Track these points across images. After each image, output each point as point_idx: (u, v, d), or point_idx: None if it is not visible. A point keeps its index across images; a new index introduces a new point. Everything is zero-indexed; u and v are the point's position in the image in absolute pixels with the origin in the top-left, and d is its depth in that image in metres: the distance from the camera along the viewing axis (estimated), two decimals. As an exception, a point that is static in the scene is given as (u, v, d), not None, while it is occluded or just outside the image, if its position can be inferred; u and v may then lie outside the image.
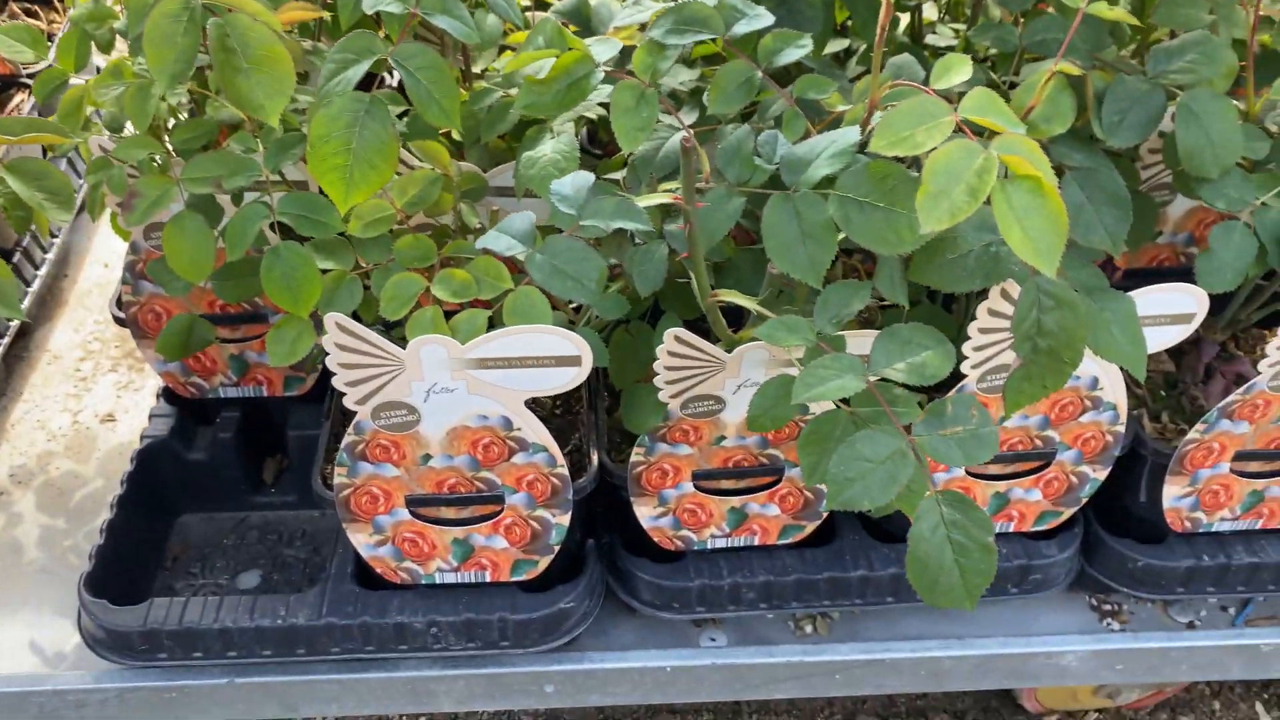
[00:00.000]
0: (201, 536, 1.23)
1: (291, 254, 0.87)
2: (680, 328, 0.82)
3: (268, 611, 1.02)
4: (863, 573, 1.07)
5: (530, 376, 0.84)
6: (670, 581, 1.05)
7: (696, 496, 1.00)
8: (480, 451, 0.91)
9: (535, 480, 0.93)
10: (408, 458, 0.91)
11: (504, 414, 0.88)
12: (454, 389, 0.86)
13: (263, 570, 1.20)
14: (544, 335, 0.81)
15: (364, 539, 0.97)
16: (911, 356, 0.72)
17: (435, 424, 0.88)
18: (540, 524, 0.97)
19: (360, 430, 0.89)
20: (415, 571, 1.00)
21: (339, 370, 0.83)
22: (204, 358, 1.16)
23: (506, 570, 1.01)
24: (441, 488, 0.94)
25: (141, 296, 1.11)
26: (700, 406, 0.91)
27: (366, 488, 0.93)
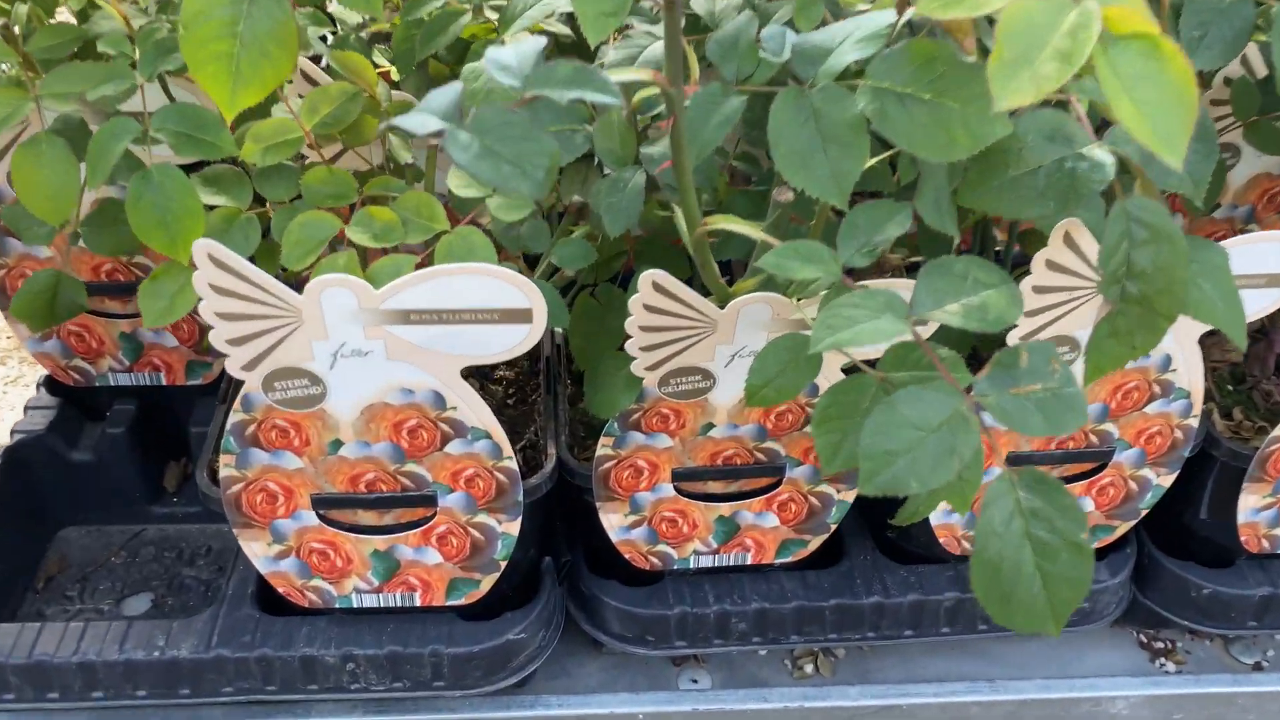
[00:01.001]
0: (84, 553, 1.03)
1: (166, 180, 0.69)
2: (661, 271, 0.63)
3: (143, 641, 0.82)
4: (877, 599, 0.88)
5: (467, 337, 0.66)
6: (644, 609, 0.86)
7: (677, 502, 0.81)
8: (405, 437, 0.72)
9: (476, 476, 0.74)
10: (312, 444, 0.72)
11: (434, 387, 0.69)
12: (368, 352, 0.67)
13: (155, 594, 1.00)
14: (484, 279, 0.63)
15: (261, 549, 0.78)
16: (968, 296, 0.54)
17: (346, 399, 0.70)
18: (482, 533, 0.78)
19: (249, 406, 0.69)
20: (327, 592, 0.81)
21: (216, 323, 0.64)
22: (90, 336, 0.97)
23: (441, 592, 0.81)
24: (356, 484, 0.75)
25: (9, 258, 0.92)
26: (684, 383, 0.72)
27: (261, 483, 0.74)
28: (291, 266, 0.70)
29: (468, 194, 0.71)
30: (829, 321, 0.52)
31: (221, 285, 0.62)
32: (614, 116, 0.68)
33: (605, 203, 0.66)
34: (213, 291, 0.62)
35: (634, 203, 0.66)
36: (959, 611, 0.90)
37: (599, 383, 0.73)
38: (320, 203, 0.73)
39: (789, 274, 0.54)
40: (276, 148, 0.72)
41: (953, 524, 0.87)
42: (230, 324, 0.64)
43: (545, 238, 0.71)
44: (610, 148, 0.68)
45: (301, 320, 0.64)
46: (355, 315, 0.64)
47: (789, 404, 0.75)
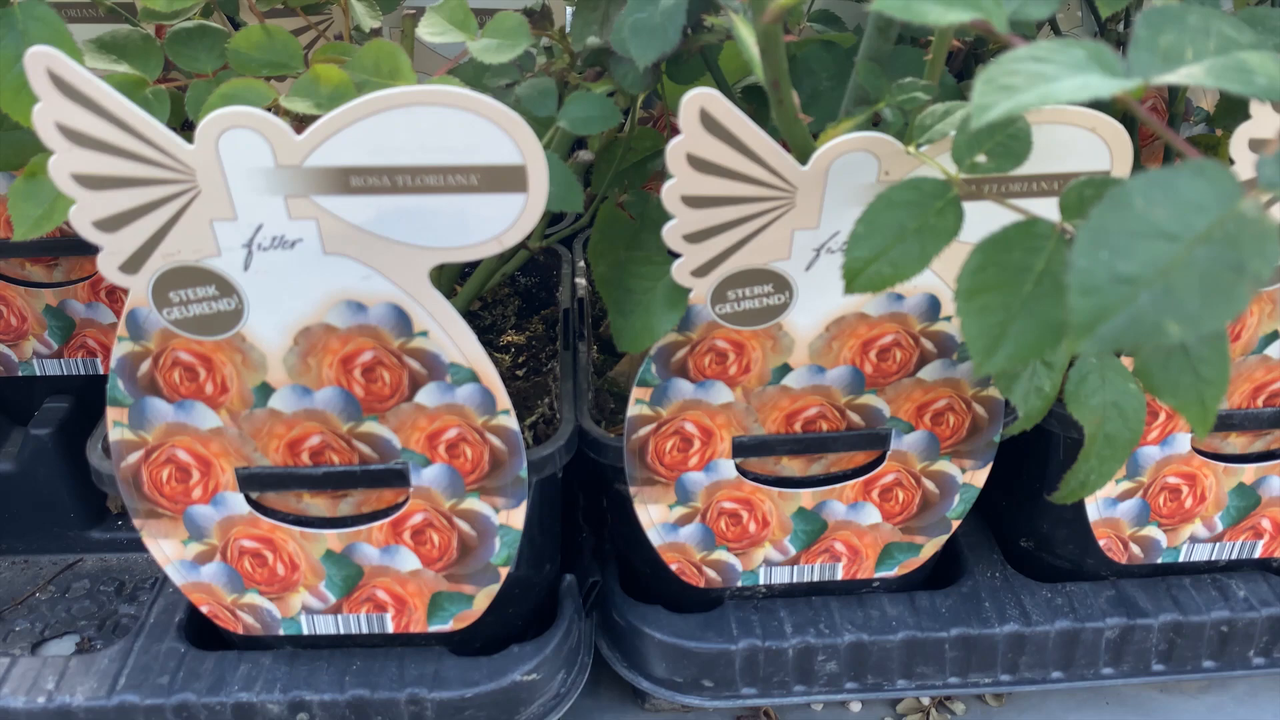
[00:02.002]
0: (5, 586, 0.83)
1: (39, 25, 0.50)
2: (712, 91, 0.43)
3: (27, 684, 0.61)
4: (1014, 628, 0.65)
5: (435, 214, 0.46)
6: (699, 642, 0.64)
7: (740, 486, 0.59)
8: (358, 380, 0.52)
9: (461, 440, 0.53)
10: (231, 390, 0.52)
11: (392, 298, 0.49)
12: (296, 240, 0.47)
13: (82, 636, 0.79)
14: (451, 114, 0.43)
15: (174, 549, 0.57)
16: (1221, 53, 0.33)
17: (270, 318, 0.49)
18: (473, 525, 0.56)
19: (138, 330, 0.49)
20: (266, 613, 0.60)
21: (74, 190, 0.44)
22: (9, 311, 0.78)
23: (420, 612, 0.60)
24: (297, 454, 0.54)
25: (-96, 207, 0.74)
26: (748, 296, 0.51)
27: (167, 450, 0.53)
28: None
29: (444, 40, 0.52)
30: (1002, 80, 0.31)
31: (75, 127, 0.43)
32: (643, -81, 0.48)
33: (633, 21, 0.46)
34: (63, 137, 0.43)
35: (672, 19, 0.46)
36: (1126, 645, 0.66)
37: (628, 302, 0.52)
38: (251, 72, 0.54)
39: (921, 17, 0.33)
40: (190, -8, 0.53)
41: (1118, 519, 0.64)
42: (97, 194, 0.45)
43: (551, 97, 0.51)
44: (638, -40, 0.49)
45: (197, 187, 0.45)
46: (272, 179, 0.44)
47: (899, 336, 0.54)
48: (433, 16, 0.53)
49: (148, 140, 0.43)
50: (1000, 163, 0.41)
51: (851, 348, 0.54)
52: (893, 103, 0.45)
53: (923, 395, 0.56)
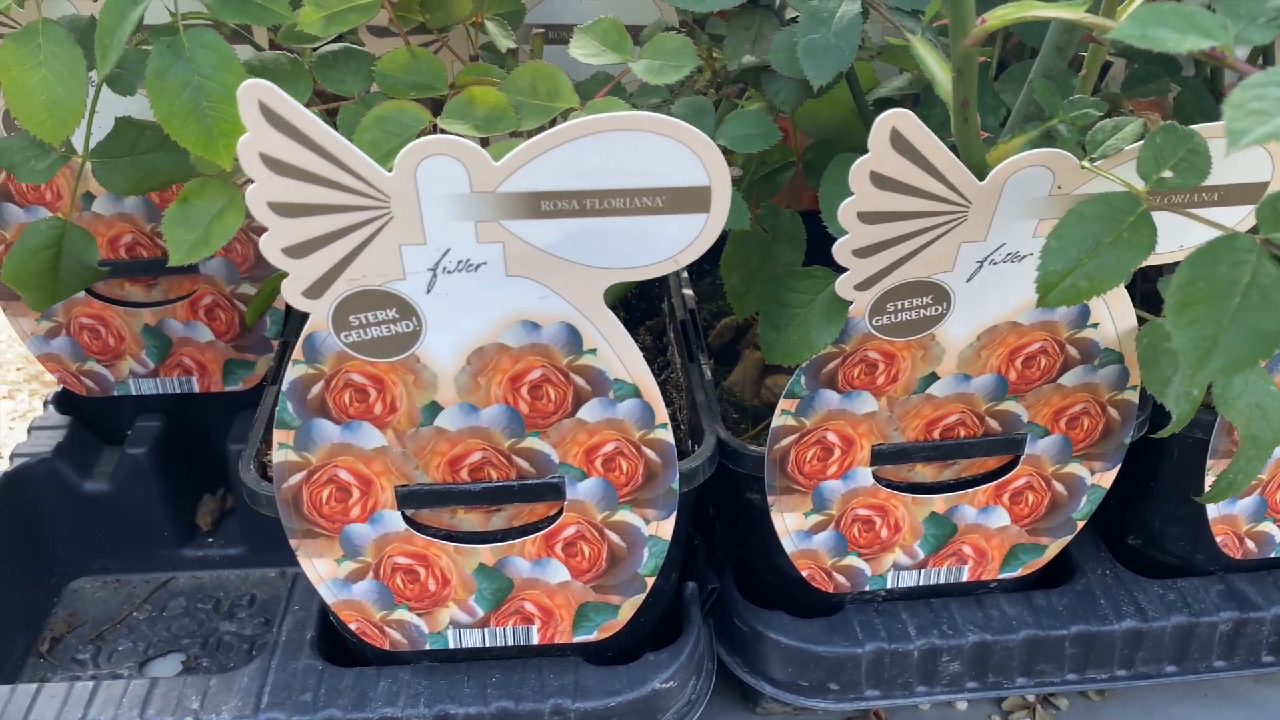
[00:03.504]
0: (100, 607, 0.83)
1: (202, 50, 0.51)
2: (905, 112, 0.44)
3: (172, 703, 0.62)
4: (1131, 624, 0.67)
5: (619, 235, 0.47)
6: (827, 647, 0.65)
7: (876, 494, 0.61)
8: (525, 398, 0.52)
9: (618, 454, 0.54)
10: (400, 410, 0.52)
11: (568, 318, 0.50)
12: (481, 264, 0.47)
13: (187, 654, 0.79)
14: (652, 139, 0.44)
15: (327, 568, 0.57)
16: None
17: (447, 340, 0.50)
18: (624, 537, 0.57)
19: (315, 353, 0.50)
20: (415, 629, 0.60)
21: (269, 218, 0.45)
22: (106, 331, 0.78)
23: (567, 623, 0.61)
24: (457, 471, 0.55)
25: (6, 230, 0.74)
26: (906, 309, 0.52)
27: (330, 471, 0.54)
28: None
29: (598, 61, 0.53)
30: (1251, 105, 0.32)
31: (279, 156, 0.43)
32: (804, -59, 0.50)
33: (805, 42, 0.47)
34: (264, 166, 0.44)
35: (848, 38, 0.47)
36: (1238, 638, 0.68)
37: (782, 316, 0.54)
38: (398, 94, 0.55)
39: (1159, 44, 0.34)
40: (342, 15, 0.54)
41: (1236, 515, 0.65)
42: (290, 222, 0.45)
43: (708, 116, 0.52)
44: (800, -19, 0.50)
45: (390, 213, 0.45)
46: (465, 204, 0.45)
47: (1046, 343, 0.55)
48: (584, 37, 0.54)
49: (349, 169, 0.44)
50: (1186, 178, 0.43)
51: (999, 356, 0.55)
52: (1066, 119, 0.46)
53: (1061, 400, 0.58)
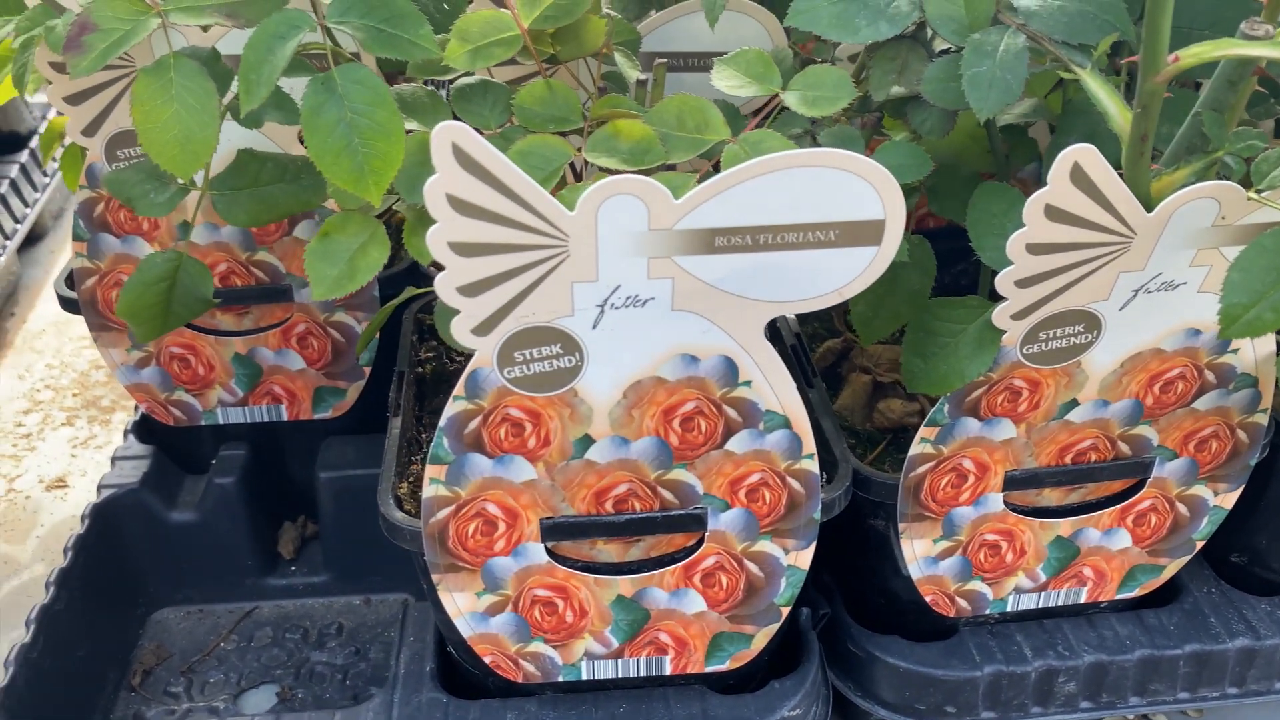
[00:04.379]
0: (186, 637, 0.82)
1: (355, 87, 0.50)
2: (1088, 146, 0.44)
3: (298, 740, 0.61)
4: (1244, 643, 0.67)
5: (789, 269, 0.47)
6: (945, 670, 0.65)
7: (1005, 519, 0.61)
8: (676, 430, 0.52)
9: (762, 485, 0.54)
10: (554, 444, 0.52)
11: (728, 352, 0.50)
12: (648, 299, 0.47)
13: (281, 685, 0.79)
14: (833, 174, 0.44)
15: (467, 602, 0.57)
16: None
17: (607, 374, 0.50)
18: (762, 567, 0.57)
19: (477, 390, 0.50)
20: (549, 661, 0.60)
21: (448, 258, 0.45)
22: (197, 360, 0.78)
23: (700, 654, 0.61)
24: (602, 503, 0.55)
25: (101, 260, 0.73)
26: (1057, 337, 0.53)
27: (479, 505, 0.54)
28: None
29: (743, 93, 0.53)
30: None
31: (465, 198, 0.43)
32: (957, -26, 0.50)
33: (970, 74, 0.48)
34: (449, 207, 0.43)
35: (1014, 70, 0.47)
36: (1348, 656, 0.68)
37: (931, 345, 0.54)
38: (537, 128, 0.55)
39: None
40: (487, 49, 0.54)
41: (1351, 535, 0.66)
42: (467, 261, 0.45)
43: (859, 145, 0.52)
44: (950, 11, 0.50)
45: (567, 251, 0.45)
46: (641, 241, 0.45)
47: (1185, 369, 0.56)
48: (727, 69, 0.54)
49: (534, 209, 0.44)
50: (1361, 208, 0.43)
51: (1140, 382, 0.56)
52: (1232, 150, 0.47)
53: (1193, 424, 0.58)
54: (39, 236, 1.32)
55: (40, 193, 1.26)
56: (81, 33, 0.55)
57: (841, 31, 0.51)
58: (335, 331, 0.77)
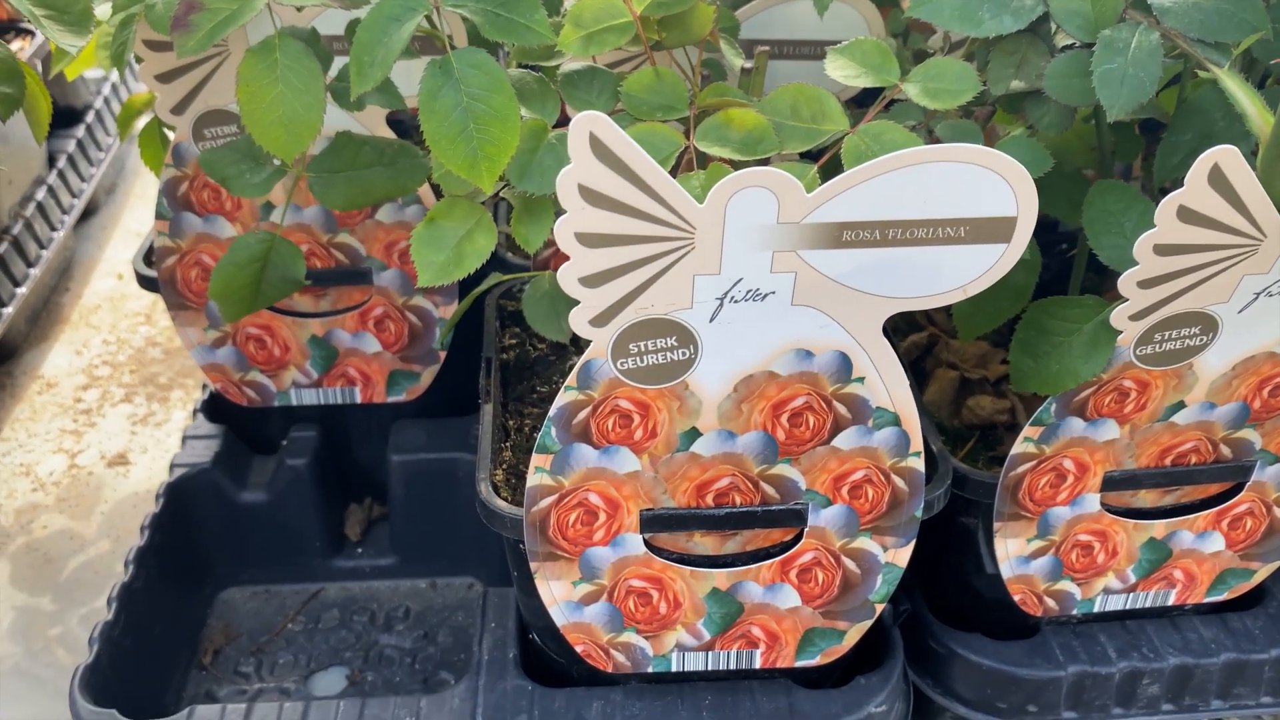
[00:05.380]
0: (253, 618, 0.82)
1: (473, 72, 0.50)
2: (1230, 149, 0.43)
3: (384, 724, 0.61)
4: (1330, 650, 0.66)
5: (913, 266, 0.46)
6: (1028, 670, 0.65)
7: (1100, 520, 0.60)
8: (783, 425, 0.52)
9: (866, 482, 0.54)
10: (660, 436, 0.52)
11: (843, 347, 0.49)
12: (769, 293, 0.47)
13: (350, 668, 0.79)
14: (969, 170, 0.43)
15: (563, 591, 0.57)
16: None
17: (719, 368, 0.50)
18: (859, 564, 0.57)
19: (589, 379, 0.50)
20: (640, 652, 0.60)
21: (574, 248, 0.44)
22: (273, 341, 0.77)
23: (791, 648, 0.60)
24: (703, 496, 0.54)
25: (183, 240, 0.73)
26: (1171, 339, 0.52)
27: (581, 495, 0.53)
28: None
29: (858, 83, 0.52)
30: None
31: (598, 188, 0.43)
32: (1083, -33, 0.49)
33: (1101, 71, 0.47)
34: (579, 197, 0.43)
35: (1146, 68, 0.46)
36: None
37: (1043, 344, 0.53)
38: (644, 115, 0.55)
39: None
40: (600, 35, 0.53)
41: None
42: (592, 252, 0.45)
43: (977, 137, 0.52)
44: (1076, 6, 0.49)
45: (692, 244, 0.45)
46: (768, 235, 0.45)
47: (1295, 371, 0.55)
48: (841, 58, 0.53)
49: (665, 202, 0.43)
50: None
51: (1250, 385, 0.55)
52: (1367, 153, 0.46)
53: (1298, 429, 0.58)
54: (91, 212, 1.32)
55: (95, 167, 1.26)
56: (189, 12, 0.55)
57: (965, 24, 0.50)
58: (413, 315, 0.77)
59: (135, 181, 1.41)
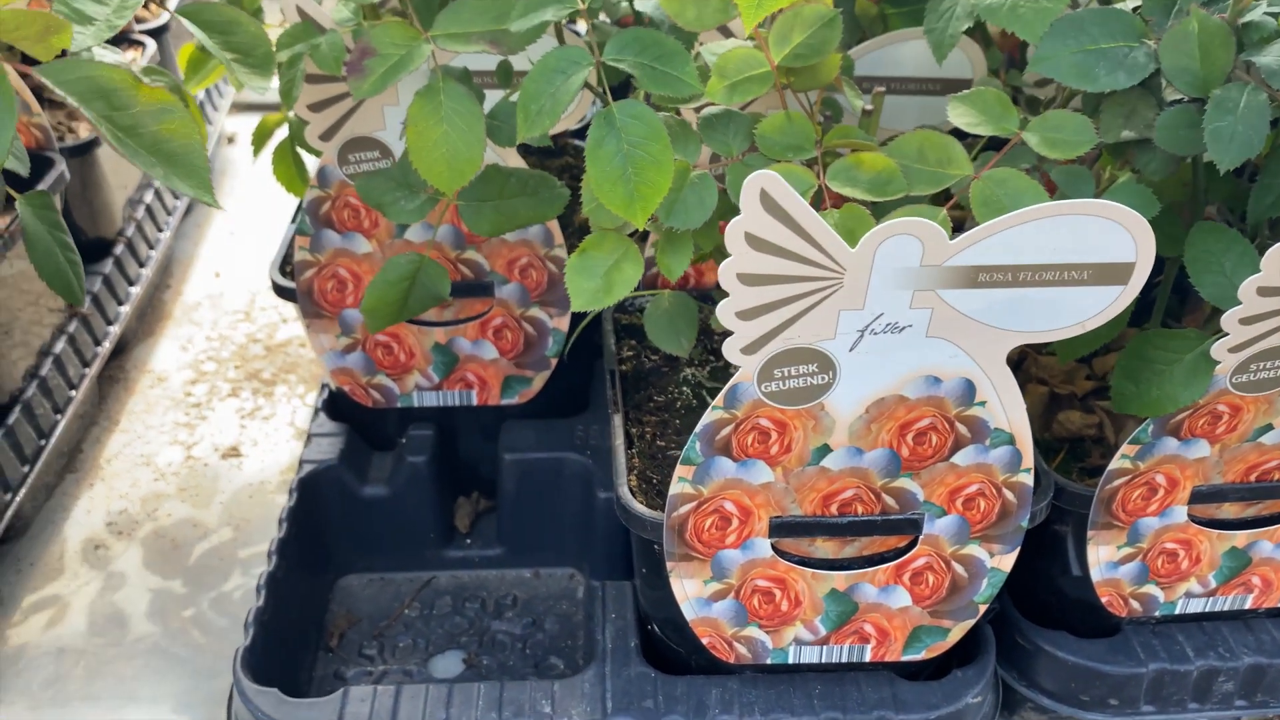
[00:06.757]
0: (371, 604, 0.88)
1: (633, 122, 0.55)
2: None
3: (525, 706, 0.67)
4: (1396, 653, 0.71)
5: (1037, 304, 0.51)
6: (1111, 666, 0.70)
7: (1186, 530, 0.65)
8: (908, 443, 0.57)
9: (979, 495, 0.59)
10: (793, 451, 0.57)
11: (969, 374, 0.54)
12: (906, 326, 0.52)
13: (467, 652, 0.85)
14: (1097, 222, 0.48)
15: (694, 589, 0.62)
16: None
17: (854, 391, 0.55)
18: (967, 569, 0.62)
19: (735, 400, 0.55)
20: (761, 645, 0.65)
21: (735, 287, 0.50)
22: (400, 348, 0.83)
23: (899, 644, 0.66)
24: (828, 505, 0.60)
25: (322, 254, 0.78)
26: (1266, 370, 0.57)
27: (717, 502, 0.59)
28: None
29: (980, 131, 0.57)
30: None
31: (763, 235, 0.48)
32: (1191, 25, 0.54)
33: (1213, 129, 0.51)
34: (745, 243, 0.48)
35: (1255, 125, 0.51)
36: None
37: (1145, 372, 0.58)
38: (776, 155, 0.59)
39: None
40: (743, 84, 0.58)
41: None
42: (750, 289, 0.50)
43: (1089, 182, 0.57)
44: (1186, 65, 0.54)
45: (841, 284, 0.50)
46: (910, 276, 0.50)
47: (1379, 398, 0.60)
48: (963, 106, 0.58)
49: (822, 247, 0.48)
50: None
51: (1334, 410, 0.60)
52: None
53: (1377, 450, 0.62)
54: (186, 211, 1.38)
55: (195, 170, 1.32)
56: (362, 57, 0.60)
57: (1081, 79, 0.55)
58: (529, 325, 0.82)
59: (224, 182, 1.47)
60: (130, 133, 0.50)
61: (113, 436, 1.06)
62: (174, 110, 0.51)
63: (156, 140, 0.50)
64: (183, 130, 0.51)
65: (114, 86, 0.50)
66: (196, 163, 0.51)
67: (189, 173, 0.51)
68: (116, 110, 0.50)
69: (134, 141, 0.50)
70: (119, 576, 0.91)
